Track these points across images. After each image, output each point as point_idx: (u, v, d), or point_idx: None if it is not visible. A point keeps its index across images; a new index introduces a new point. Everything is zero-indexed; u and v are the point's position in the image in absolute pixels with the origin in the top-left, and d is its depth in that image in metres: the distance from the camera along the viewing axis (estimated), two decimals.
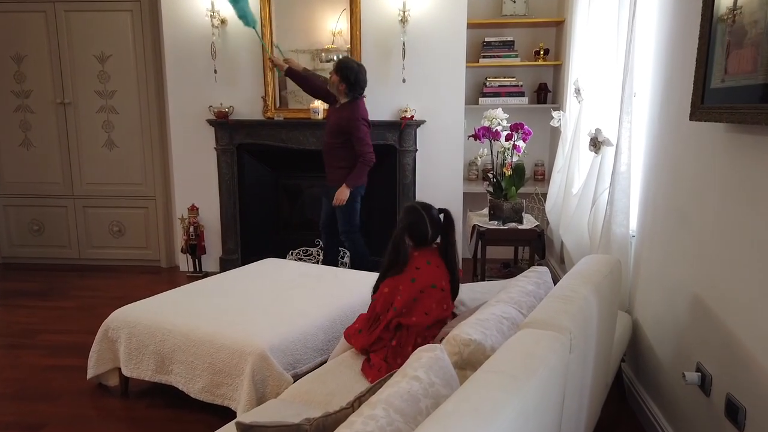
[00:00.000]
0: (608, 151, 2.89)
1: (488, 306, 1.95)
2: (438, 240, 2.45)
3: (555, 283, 2.40)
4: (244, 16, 4.21)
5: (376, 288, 2.44)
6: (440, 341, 2.07)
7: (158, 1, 4.66)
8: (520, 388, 1.17)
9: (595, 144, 2.95)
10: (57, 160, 5.08)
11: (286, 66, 4.18)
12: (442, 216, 2.44)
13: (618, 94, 2.77)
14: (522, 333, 1.43)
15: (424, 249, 2.40)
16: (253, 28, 4.27)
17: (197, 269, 4.85)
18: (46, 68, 4.93)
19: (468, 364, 1.62)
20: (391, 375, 1.68)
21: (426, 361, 1.43)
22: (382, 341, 2.33)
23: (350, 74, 3.82)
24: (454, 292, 2.46)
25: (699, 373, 2.02)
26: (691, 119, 1.98)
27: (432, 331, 2.33)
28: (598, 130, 2.94)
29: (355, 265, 4.12)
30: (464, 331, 1.65)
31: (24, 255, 5.26)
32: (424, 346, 1.51)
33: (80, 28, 4.85)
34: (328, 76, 4.00)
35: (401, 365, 2.23)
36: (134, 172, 5.05)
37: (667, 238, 2.38)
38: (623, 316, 2.66)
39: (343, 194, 3.94)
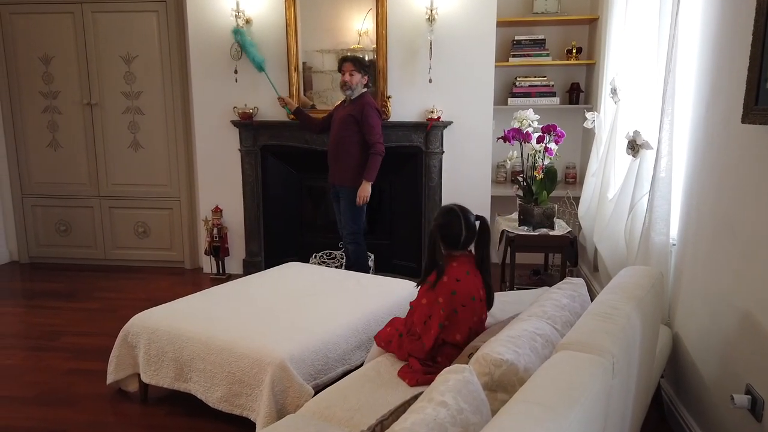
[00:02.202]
0: (647, 155, 2.73)
1: (519, 321, 1.83)
2: (472, 248, 2.36)
3: (588, 293, 2.27)
4: (255, 59, 4.36)
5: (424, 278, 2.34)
6: (468, 357, 1.96)
7: (184, 2, 4.64)
8: (560, 422, 1.05)
9: (634, 147, 2.79)
10: (83, 161, 5.10)
11: (296, 105, 4.28)
12: (477, 223, 2.33)
13: (658, 94, 2.62)
14: (560, 356, 1.31)
15: (460, 257, 2.29)
16: (264, 71, 4.37)
17: (220, 271, 4.81)
18: (74, 69, 4.95)
19: (499, 386, 1.51)
20: (417, 396, 1.58)
21: (454, 384, 1.32)
22: (427, 359, 2.25)
23: (368, 66, 3.85)
24: (489, 304, 2.37)
25: (749, 396, 1.86)
26: (743, 122, 1.83)
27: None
28: (636, 133, 2.79)
29: (356, 268, 4.01)
30: (495, 350, 1.54)
31: (51, 255, 5.29)
32: (452, 366, 1.40)
33: (107, 29, 4.85)
34: (341, 80, 3.91)
35: (444, 365, 2.16)
36: (159, 173, 5.04)
37: (711, 248, 2.22)
38: (663, 330, 2.51)
39: (365, 191, 3.86)
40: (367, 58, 4.30)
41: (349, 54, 4.05)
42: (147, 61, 4.87)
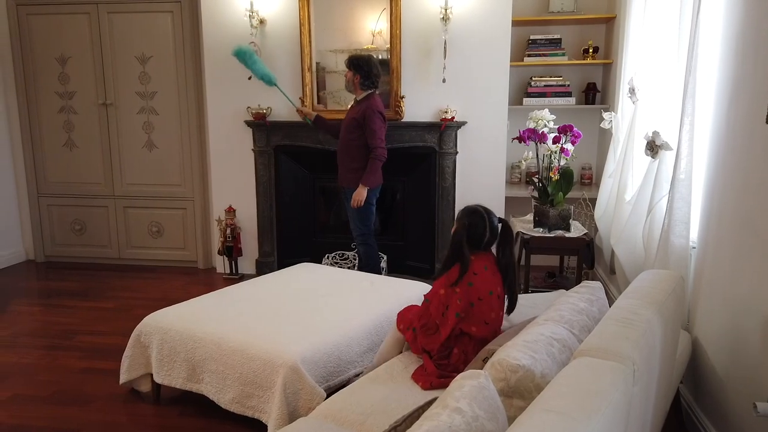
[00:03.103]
0: (667, 156, 2.68)
1: (536, 325, 1.79)
2: (493, 250, 2.36)
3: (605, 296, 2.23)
4: (264, 76, 4.08)
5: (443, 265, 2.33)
6: (483, 361, 1.92)
7: (198, 2, 4.64)
8: None
9: (653, 148, 2.74)
10: (99, 161, 5.13)
11: (315, 114, 4.19)
12: (500, 226, 2.35)
13: (678, 93, 2.57)
14: (579, 363, 1.28)
15: (480, 254, 2.31)
16: (276, 86, 4.13)
17: (233, 271, 4.81)
18: (89, 70, 4.98)
19: (515, 392, 1.47)
20: (432, 402, 1.55)
21: (469, 391, 1.29)
22: (442, 347, 2.24)
23: (361, 64, 3.78)
24: (511, 306, 2.37)
25: None
26: None
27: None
28: (655, 133, 2.73)
29: (366, 269, 3.98)
30: (511, 355, 1.51)
31: (66, 254, 5.33)
32: (467, 372, 1.37)
33: (122, 29, 4.88)
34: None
35: (459, 371, 2.14)
36: (173, 173, 5.05)
37: (733, 251, 2.16)
38: (682, 334, 2.45)
39: (360, 195, 3.83)
40: (378, 57, 4.27)
41: (356, 56, 3.98)
42: (161, 61, 4.89)
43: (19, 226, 5.33)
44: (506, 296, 2.38)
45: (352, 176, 3.87)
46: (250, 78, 4.18)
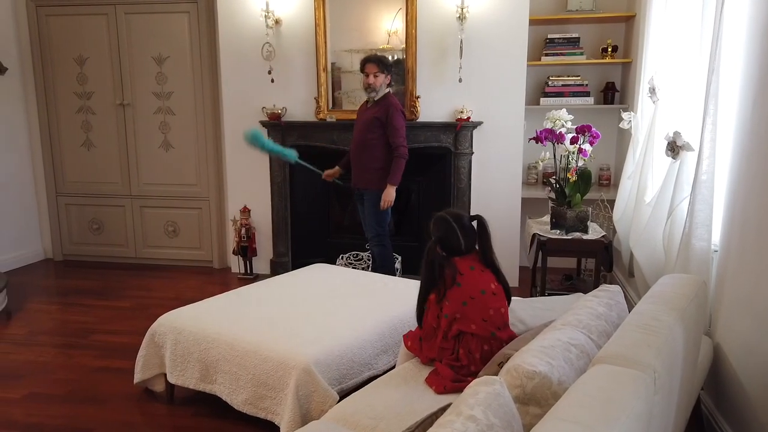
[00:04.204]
0: (688, 157, 2.62)
1: (553, 330, 1.75)
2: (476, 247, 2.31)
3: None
4: (281, 153, 3.99)
5: (420, 311, 2.29)
6: (499, 365, 1.89)
7: (215, 3, 4.66)
8: None
9: (673, 148, 2.68)
10: (116, 161, 5.17)
11: (338, 168, 4.12)
12: (474, 223, 2.28)
13: (700, 93, 2.51)
14: (597, 370, 1.24)
15: (463, 256, 2.26)
16: (298, 161, 4.02)
17: (248, 271, 4.82)
18: (107, 70, 5.02)
19: (531, 399, 1.44)
20: (446, 408, 1.52)
21: (484, 398, 1.26)
22: (446, 351, 2.21)
23: (389, 64, 3.80)
24: (507, 298, 2.31)
25: None
26: None
27: (498, 340, 2.16)
28: (676, 133, 2.67)
29: (382, 270, 3.95)
30: (527, 361, 1.47)
31: (84, 253, 5.38)
32: (482, 378, 1.34)
33: (139, 30, 4.91)
34: (365, 82, 3.82)
35: (472, 373, 2.10)
36: (189, 173, 5.07)
37: (757, 254, 2.10)
38: (704, 340, 2.39)
39: (390, 195, 3.81)
40: (393, 57, 4.25)
41: (371, 54, 3.94)
42: (178, 61, 4.91)
43: (38, 225, 5.39)
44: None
45: (371, 177, 3.85)
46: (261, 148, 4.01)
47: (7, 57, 4.94)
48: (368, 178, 3.87)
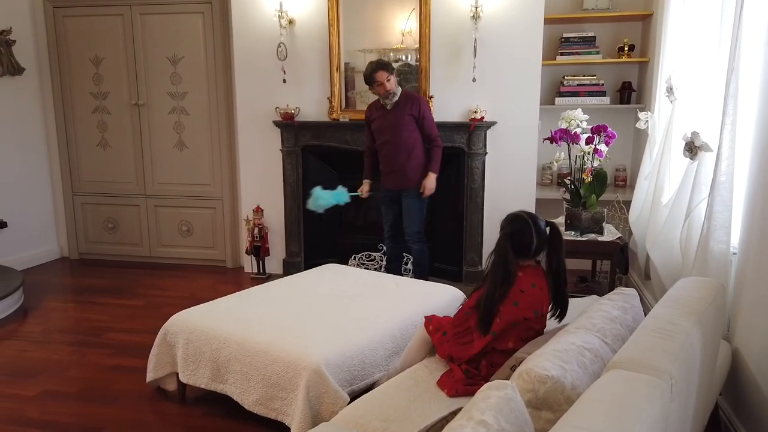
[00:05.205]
0: (706, 158, 2.57)
1: (567, 333, 1.72)
2: (541, 258, 2.23)
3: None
4: (339, 202, 3.96)
5: (488, 315, 2.12)
6: (511, 369, 1.86)
7: (229, 3, 4.67)
8: None
9: (691, 149, 2.63)
10: (131, 160, 5.21)
11: (366, 181, 4.11)
12: (548, 229, 2.21)
13: (719, 92, 2.46)
14: (611, 375, 1.21)
15: (528, 268, 2.18)
16: (349, 197, 3.98)
17: (261, 271, 4.82)
18: (122, 70, 5.06)
19: (544, 403, 1.41)
20: (456, 412, 1.50)
21: (495, 402, 1.23)
22: (472, 362, 2.17)
23: (388, 62, 3.84)
24: (562, 314, 2.24)
25: None
26: None
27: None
28: (695, 134, 2.62)
29: (419, 269, 3.94)
30: (540, 365, 1.44)
31: (99, 251, 5.42)
32: (493, 382, 1.31)
33: (154, 30, 4.94)
34: (383, 90, 3.78)
35: (487, 376, 2.08)
36: (203, 173, 5.10)
37: None
38: (722, 345, 2.34)
39: (432, 182, 3.87)
40: (406, 58, 4.24)
41: (370, 66, 3.81)
42: (192, 61, 4.93)
43: (54, 224, 5.45)
44: (555, 306, 2.23)
45: (414, 175, 3.87)
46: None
47: (24, 57, 5.00)
48: (411, 178, 3.88)
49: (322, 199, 3.88)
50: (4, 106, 4.92)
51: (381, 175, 4.04)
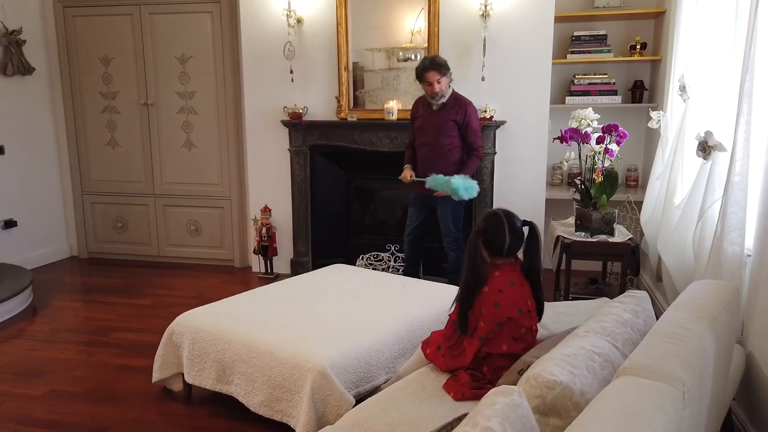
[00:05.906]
0: (720, 158, 2.52)
1: (576, 337, 1.69)
2: (520, 256, 2.21)
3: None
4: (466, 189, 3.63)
5: (463, 315, 2.15)
6: (519, 373, 1.83)
7: (237, 2, 4.66)
8: None
9: (705, 149, 2.58)
10: (140, 160, 5.22)
11: (407, 166, 3.89)
12: (526, 229, 2.18)
13: (734, 91, 2.40)
14: (621, 382, 1.17)
15: (504, 267, 2.15)
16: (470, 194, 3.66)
17: (269, 271, 4.81)
18: (131, 70, 5.06)
19: (552, 410, 1.38)
20: (462, 418, 1.47)
21: (501, 408, 1.20)
22: (471, 369, 2.14)
23: (444, 62, 3.64)
24: (539, 314, 2.22)
25: None
26: None
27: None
28: (708, 133, 2.57)
29: (454, 275, 3.83)
30: (548, 370, 1.41)
31: (108, 251, 5.44)
32: (500, 388, 1.28)
33: (163, 30, 4.94)
34: (430, 91, 3.64)
35: (493, 380, 2.04)
36: (211, 173, 5.09)
37: None
38: (736, 349, 2.28)
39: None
40: (415, 56, 4.19)
41: (425, 61, 3.68)
42: (201, 61, 4.93)
43: (63, 223, 5.47)
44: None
45: None
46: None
47: (34, 57, 5.02)
48: None
49: (461, 188, 3.56)
50: (14, 105, 4.94)
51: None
